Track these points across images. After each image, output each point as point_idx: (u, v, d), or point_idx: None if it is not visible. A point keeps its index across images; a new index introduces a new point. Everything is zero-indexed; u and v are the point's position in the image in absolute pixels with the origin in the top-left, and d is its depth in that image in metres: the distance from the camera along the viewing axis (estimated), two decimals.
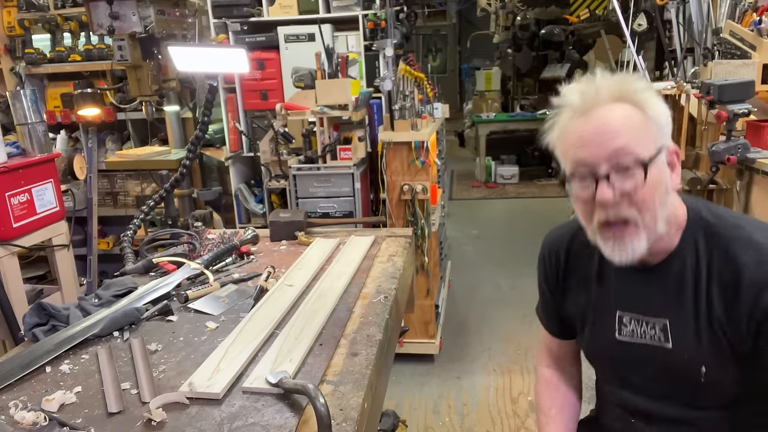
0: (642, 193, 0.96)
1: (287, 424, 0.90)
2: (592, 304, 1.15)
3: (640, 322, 1.07)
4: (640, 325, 1.07)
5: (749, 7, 2.71)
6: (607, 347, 1.13)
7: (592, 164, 0.97)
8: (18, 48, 3.99)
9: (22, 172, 2.53)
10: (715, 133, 2.60)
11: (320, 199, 3.14)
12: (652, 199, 0.96)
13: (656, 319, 1.05)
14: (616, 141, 0.96)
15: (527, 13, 6.73)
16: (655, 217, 0.97)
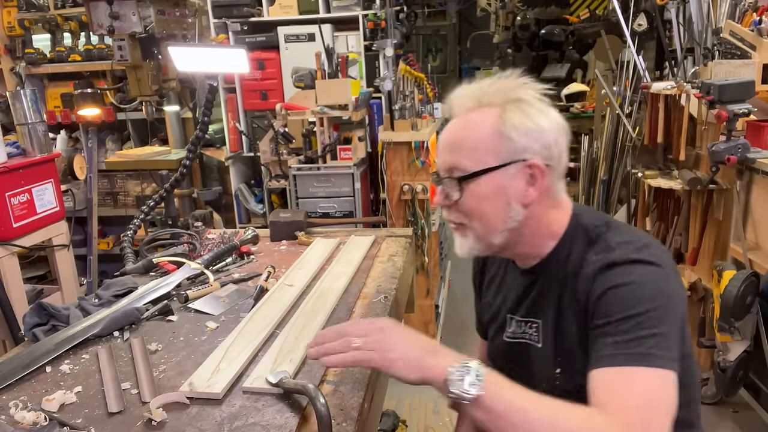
0: (465, 204, 1.03)
1: (287, 424, 0.90)
2: (495, 306, 1.21)
3: (520, 323, 1.13)
4: (520, 327, 1.13)
5: (749, 7, 2.71)
6: (499, 347, 1.19)
7: (437, 171, 1.07)
8: (18, 48, 3.99)
9: (22, 172, 2.53)
10: (715, 133, 2.60)
11: (320, 199, 3.14)
12: (479, 210, 1.02)
13: (532, 320, 1.10)
14: (447, 152, 1.04)
15: (527, 13, 6.72)
16: (485, 225, 1.03)
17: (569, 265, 1.03)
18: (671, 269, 0.98)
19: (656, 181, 2.80)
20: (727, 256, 2.56)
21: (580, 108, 5.68)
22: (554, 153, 1.01)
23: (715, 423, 2.55)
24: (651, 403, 0.85)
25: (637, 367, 0.87)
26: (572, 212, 1.08)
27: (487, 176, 1.00)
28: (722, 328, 2.25)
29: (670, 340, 0.90)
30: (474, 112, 1.03)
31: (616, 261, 0.96)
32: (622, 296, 0.93)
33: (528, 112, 1.00)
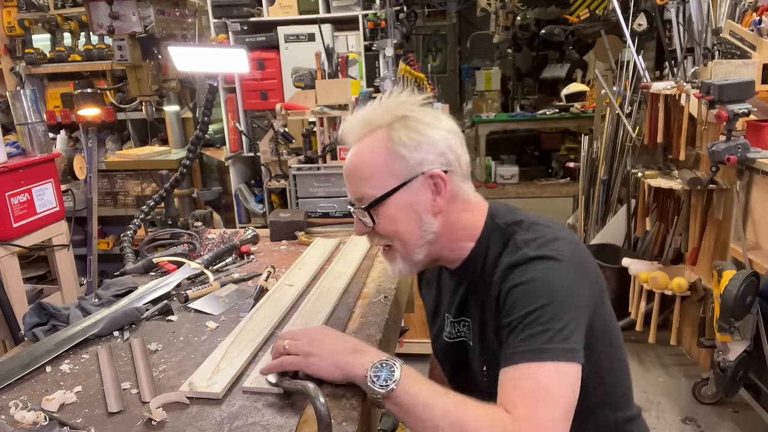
0: (381, 228, 1.06)
1: (287, 424, 0.90)
2: (433, 306, 1.25)
3: (455, 324, 1.16)
4: (455, 327, 1.16)
5: (749, 7, 2.71)
6: (441, 347, 1.22)
7: (351, 202, 1.11)
8: (18, 48, 3.99)
9: (22, 172, 2.53)
10: (715, 133, 2.60)
11: (320, 199, 3.14)
12: (395, 231, 1.05)
13: (464, 318, 1.14)
14: (350, 184, 1.08)
15: (527, 13, 6.72)
16: (405, 244, 1.06)
17: (487, 266, 1.05)
18: (574, 261, 0.99)
19: (656, 181, 2.80)
20: (727, 256, 2.56)
21: (580, 108, 5.68)
22: (451, 158, 1.04)
23: (715, 423, 2.55)
24: (543, 397, 0.87)
25: (532, 363, 0.90)
26: (488, 212, 1.10)
27: (392, 198, 1.03)
28: (722, 328, 2.25)
29: (568, 333, 0.91)
30: (366, 138, 1.05)
31: (518, 261, 0.98)
32: (519, 295, 0.96)
33: (415, 127, 1.02)
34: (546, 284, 0.95)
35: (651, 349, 3.08)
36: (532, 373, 0.89)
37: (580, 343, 0.93)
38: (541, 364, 0.89)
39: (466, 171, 1.08)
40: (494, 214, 1.09)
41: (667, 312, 2.95)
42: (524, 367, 0.90)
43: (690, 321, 3.00)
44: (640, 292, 2.92)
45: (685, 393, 2.73)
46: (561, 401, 0.88)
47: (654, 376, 2.91)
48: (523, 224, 1.05)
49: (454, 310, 1.16)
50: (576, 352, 0.91)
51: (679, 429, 2.53)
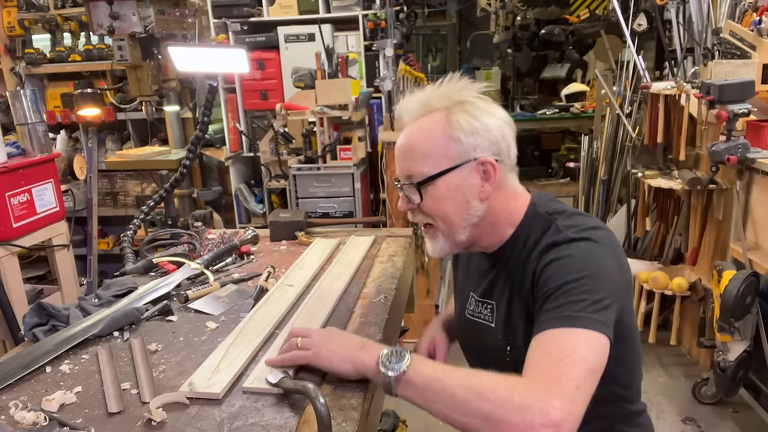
0: (426, 206, 1.10)
1: (287, 424, 0.90)
2: (461, 283, 1.30)
3: (478, 303, 1.20)
4: (478, 306, 1.20)
5: (749, 7, 2.71)
6: (461, 322, 1.27)
7: (397, 178, 1.14)
8: (18, 48, 3.99)
9: (22, 172, 2.53)
10: (715, 133, 2.60)
11: (320, 199, 3.14)
12: (441, 210, 1.09)
13: (488, 301, 1.17)
14: (403, 160, 1.11)
15: (527, 13, 6.72)
16: (450, 224, 1.10)
17: (524, 250, 1.08)
18: (610, 248, 1.03)
19: (656, 181, 2.80)
20: (727, 256, 2.56)
21: (580, 108, 5.68)
22: (503, 148, 1.08)
23: (715, 423, 2.55)
24: (568, 357, 0.88)
25: (563, 328, 0.91)
26: (530, 201, 1.13)
27: (443, 178, 1.07)
28: (722, 328, 2.25)
29: (602, 307, 0.93)
30: (423, 119, 1.09)
31: (557, 241, 1.02)
32: (556, 269, 0.99)
33: (473, 113, 1.06)
34: (585, 260, 0.98)
35: (651, 349, 3.08)
36: (561, 338, 0.91)
37: (612, 321, 0.94)
38: (571, 329, 0.91)
39: (514, 162, 1.12)
40: (537, 203, 1.12)
41: (667, 312, 2.95)
42: (555, 332, 0.92)
43: (690, 321, 3.00)
44: (640, 292, 2.92)
45: (685, 393, 2.73)
46: (586, 360, 0.88)
47: (654, 376, 2.91)
48: (564, 213, 1.08)
49: (480, 291, 1.19)
50: (607, 326, 0.93)
51: (679, 429, 2.53)
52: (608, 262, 1.00)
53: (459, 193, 1.07)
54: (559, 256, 1.00)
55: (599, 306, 0.93)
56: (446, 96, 1.09)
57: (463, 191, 1.07)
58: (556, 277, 0.98)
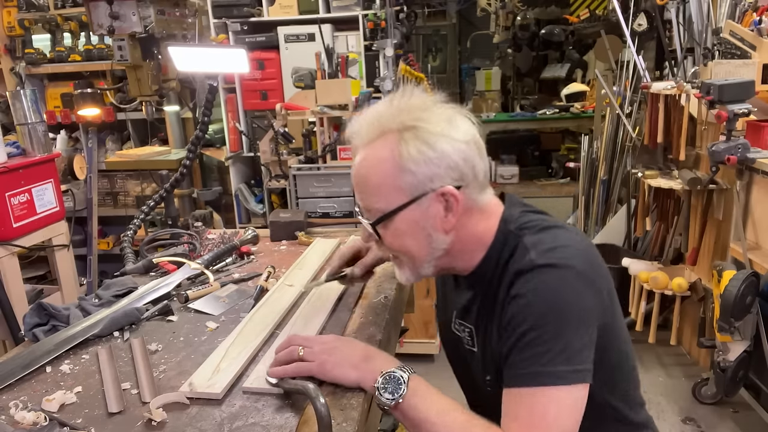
0: (387, 242, 1.02)
1: (287, 424, 0.90)
2: (440, 296, 1.24)
3: (460, 324, 1.12)
4: (460, 326, 1.12)
5: (749, 7, 2.71)
6: (447, 338, 1.19)
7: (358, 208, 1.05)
8: (18, 48, 3.99)
9: (22, 172, 2.53)
10: (715, 133, 2.60)
11: (320, 199, 3.14)
12: (402, 246, 1.01)
13: (467, 324, 1.10)
14: (358, 192, 1.02)
15: (527, 13, 6.72)
16: (412, 259, 1.02)
17: (495, 273, 1.01)
18: (579, 270, 0.93)
19: (656, 181, 2.80)
20: (727, 256, 2.56)
21: (580, 108, 5.67)
22: (465, 171, 0.97)
23: (715, 423, 2.55)
24: (539, 423, 0.86)
25: (530, 388, 0.89)
26: (501, 217, 1.03)
27: (400, 214, 0.98)
28: (722, 328, 2.25)
29: (571, 352, 0.89)
30: (375, 144, 0.98)
31: (524, 268, 0.94)
32: (518, 310, 0.92)
33: (425, 139, 0.95)
34: (548, 299, 0.91)
35: (651, 349, 3.08)
36: (529, 399, 0.88)
37: (586, 360, 0.91)
38: (538, 389, 0.88)
39: (484, 180, 1.01)
40: (507, 218, 1.03)
41: (667, 312, 2.95)
42: (523, 392, 0.89)
43: (690, 321, 2.99)
44: (640, 292, 2.92)
45: (685, 393, 2.73)
46: (557, 422, 0.87)
47: (654, 376, 2.91)
48: (533, 228, 1.00)
49: (459, 311, 1.12)
50: (578, 372, 0.89)
51: (679, 429, 2.53)
52: (575, 294, 0.92)
53: (419, 228, 0.98)
54: (523, 292, 0.92)
55: (568, 352, 0.88)
56: (399, 115, 0.98)
57: (424, 225, 0.98)
58: (517, 321, 0.92)
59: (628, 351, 1.09)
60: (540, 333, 0.89)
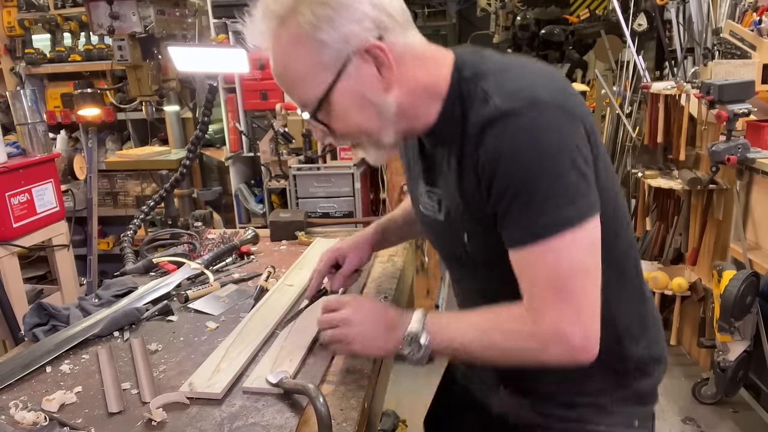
0: (337, 128, 0.93)
1: (287, 424, 0.90)
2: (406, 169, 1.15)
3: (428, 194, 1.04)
4: (429, 197, 1.04)
5: (749, 7, 2.71)
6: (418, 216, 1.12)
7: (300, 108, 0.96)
8: (18, 48, 3.98)
9: (22, 172, 2.53)
10: (715, 133, 2.60)
11: (320, 199, 3.14)
12: (352, 125, 0.92)
13: (435, 189, 1.02)
14: (286, 91, 0.96)
15: (527, 13, 6.71)
16: (369, 133, 0.93)
17: (457, 126, 0.91)
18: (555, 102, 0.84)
19: (656, 181, 2.80)
20: (727, 256, 2.56)
21: None
22: (378, 17, 0.87)
23: (715, 423, 2.55)
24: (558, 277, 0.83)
25: (538, 244, 0.83)
26: (454, 64, 0.93)
27: (335, 93, 0.89)
28: (722, 328, 2.25)
29: (571, 191, 0.82)
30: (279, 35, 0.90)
31: (490, 119, 0.84)
32: (502, 167, 0.84)
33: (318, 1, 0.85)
34: (530, 145, 0.82)
35: None
36: (542, 257, 0.83)
37: (589, 190, 0.84)
38: (546, 242, 0.82)
39: (404, 19, 0.90)
40: (461, 65, 0.92)
41: (667, 312, 2.95)
42: (532, 251, 0.84)
43: (690, 321, 2.99)
44: None
45: (685, 393, 2.73)
46: (577, 266, 0.83)
47: None
48: (491, 70, 0.90)
49: (425, 179, 1.04)
50: (583, 208, 0.83)
51: (679, 429, 2.53)
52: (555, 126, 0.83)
53: (360, 98, 0.89)
54: (499, 146, 0.83)
55: (569, 193, 0.82)
56: None
57: (363, 93, 0.89)
58: (505, 180, 0.84)
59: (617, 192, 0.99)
60: (534, 186, 0.82)
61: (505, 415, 1.13)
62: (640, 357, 1.04)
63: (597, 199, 0.85)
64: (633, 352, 1.02)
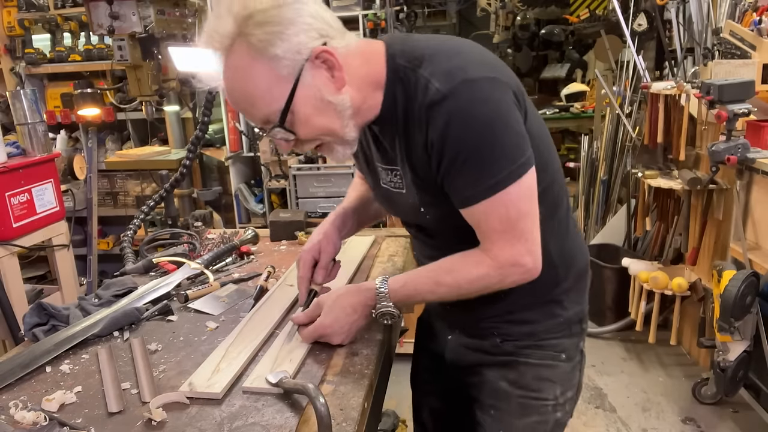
0: (303, 134, 1.01)
1: (287, 424, 0.90)
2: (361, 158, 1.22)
3: (387, 171, 1.14)
4: (388, 175, 1.14)
5: (749, 7, 2.71)
6: (378, 193, 1.23)
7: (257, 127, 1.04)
8: (18, 48, 3.98)
9: (22, 172, 2.53)
10: (715, 133, 2.59)
11: (320, 199, 3.14)
12: (316, 128, 1.01)
13: (393, 167, 1.12)
14: (248, 110, 1.01)
15: (527, 13, 6.72)
16: (333, 133, 1.02)
17: (401, 109, 1.02)
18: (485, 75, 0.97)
19: (656, 181, 2.80)
20: (727, 256, 2.56)
21: (580, 108, 5.67)
22: (320, 26, 0.96)
23: (715, 423, 2.55)
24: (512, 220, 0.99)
25: (489, 199, 0.98)
26: (386, 54, 1.03)
27: (296, 101, 0.97)
28: (722, 328, 2.25)
29: (510, 150, 0.96)
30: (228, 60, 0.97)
31: (433, 101, 0.96)
32: (448, 141, 0.96)
33: (267, 18, 0.93)
34: (470, 117, 0.95)
35: (651, 349, 3.08)
36: (491, 209, 0.98)
37: (524, 147, 0.98)
38: (495, 197, 0.97)
39: (337, 24, 1.01)
40: (393, 54, 1.03)
41: (667, 312, 2.95)
42: (483, 205, 0.98)
43: (690, 321, 2.99)
44: (640, 292, 2.92)
45: (685, 393, 2.73)
46: (524, 208, 0.99)
47: (654, 376, 2.91)
48: (425, 56, 1.00)
49: (381, 158, 1.13)
50: (522, 164, 0.97)
51: (679, 429, 2.53)
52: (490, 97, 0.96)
53: (319, 102, 0.98)
54: (443, 123, 0.95)
55: (508, 153, 0.96)
56: (229, 16, 0.95)
57: (321, 96, 0.98)
58: (452, 152, 0.96)
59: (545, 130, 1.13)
60: (479, 152, 0.96)
61: (456, 361, 1.29)
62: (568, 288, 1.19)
63: (532, 153, 0.99)
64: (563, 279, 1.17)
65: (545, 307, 1.18)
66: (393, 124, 1.05)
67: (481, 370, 1.23)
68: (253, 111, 1.00)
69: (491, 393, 1.22)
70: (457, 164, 0.97)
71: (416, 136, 1.01)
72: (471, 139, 0.95)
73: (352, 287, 1.17)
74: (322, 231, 1.34)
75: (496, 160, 0.96)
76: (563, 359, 1.21)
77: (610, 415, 2.63)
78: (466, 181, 0.98)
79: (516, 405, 1.21)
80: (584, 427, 2.56)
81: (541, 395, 1.20)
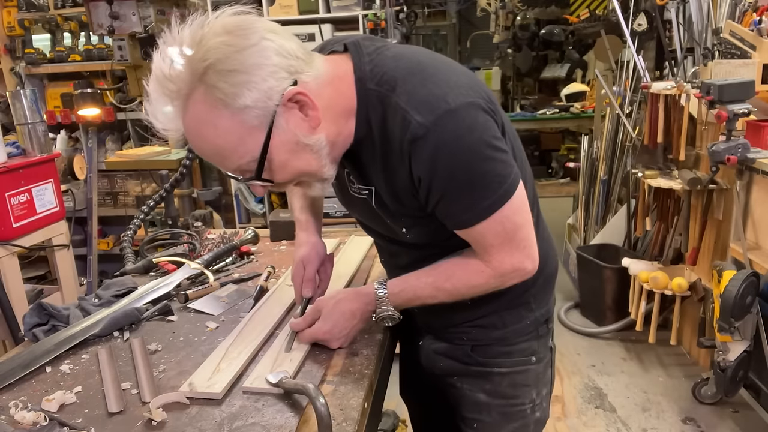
0: (280, 179, 0.97)
1: (287, 424, 0.90)
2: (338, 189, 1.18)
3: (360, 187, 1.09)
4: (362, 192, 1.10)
5: (749, 7, 2.71)
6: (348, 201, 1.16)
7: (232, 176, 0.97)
8: (18, 48, 3.98)
9: (22, 172, 2.53)
10: (715, 133, 2.59)
11: None
12: (293, 172, 0.96)
13: (367, 187, 1.07)
14: (220, 163, 0.94)
15: (527, 13, 6.73)
16: (311, 174, 0.98)
17: (376, 135, 0.98)
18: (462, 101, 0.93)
19: (656, 181, 2.80)
20: (727, 256, 2.56)
21: (580, 108, 5.68)
22: (287, 62, 0.88)
23: (715, 423, 2.55)
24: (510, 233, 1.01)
25: (486, 220, 0.98)
26: (355, 76, 0.98)
27: (271, 150, 0.91)
28: (722, 328, 2.25)
29: (499, 171, 0.96)
30: (190, 111, 0.88)
31: (416, 135, 0.91)
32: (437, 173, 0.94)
33: (229, 67, 0.84)
34: (457, 148, 0.92)
35: (651, 349, 3.08)
36: (489, 228, 0.99)
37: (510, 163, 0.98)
38: (491, 217, 0.98)
39: (303, 53, 0.93)
40: (362, 78, 0.97)
41: (667, 312, 2.95)
42: (481, 226, 0.99)
43: (690, 321, 2.99)
44: (640, 292, 2.92)
45: (685, 393, 2.73)
46: (519, 219, 1.01)
47: (654, 376, 2.91)
48: (396, 78, 0.95)
49: (356, 179, 1.09)
50: (511, 180, 0.97)
51: (679, 429, 2.53)
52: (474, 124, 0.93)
53: (295, 145, 0.92)
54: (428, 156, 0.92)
55: (498, 174, 0.96)
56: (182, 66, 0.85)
57: (297, 139, 0.92)
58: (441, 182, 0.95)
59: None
60: (469, 182, 0.95)
61: (431, 368, 1.29)
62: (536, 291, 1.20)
63: (516, 167, 1.00)
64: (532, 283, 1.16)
65: (514, 311, 1.19)
66: (371, 147, 1.00)
67: (455, 382, 1.24)
68: (226, 163, 0.93)
69: (472, 407, 1.23)
70: (449, 196, 0.97)
71: (397, 167, 0.97)
72: (460, 170, 0.94)
73: (350, 292, 1.16)
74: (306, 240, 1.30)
75: (488, 185, 0.96)
76: (534, 362, 1.22)
77: (610, 415, 2.63)
78: (461, 208, 0.98)
79: (497, 415, 1.22)
80: (584, 427, 2.56)
81: (519, 401, 1.22)
